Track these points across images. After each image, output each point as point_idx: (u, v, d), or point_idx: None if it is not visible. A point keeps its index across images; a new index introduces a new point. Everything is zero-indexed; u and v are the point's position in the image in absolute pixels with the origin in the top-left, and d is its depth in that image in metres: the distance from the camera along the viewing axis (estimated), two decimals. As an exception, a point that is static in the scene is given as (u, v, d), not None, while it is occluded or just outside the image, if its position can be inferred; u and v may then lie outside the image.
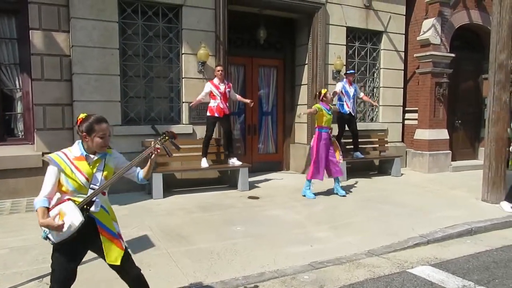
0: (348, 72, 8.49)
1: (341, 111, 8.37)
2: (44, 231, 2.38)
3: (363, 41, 9.52)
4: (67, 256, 2.44)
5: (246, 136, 9.15)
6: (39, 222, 2.32)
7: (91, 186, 2.45)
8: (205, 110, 7.20)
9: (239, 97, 7.62)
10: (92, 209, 2.45)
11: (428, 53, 9.35)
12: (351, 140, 8.53)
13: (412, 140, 10.02)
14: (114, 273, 2.59)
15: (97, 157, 2.51)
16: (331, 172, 6.87)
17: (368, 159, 9.14)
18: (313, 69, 8.74)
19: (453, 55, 9.53)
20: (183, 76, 7.45)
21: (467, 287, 3.67)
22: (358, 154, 8.52)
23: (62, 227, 2.30)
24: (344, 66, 8.90)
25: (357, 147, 8.56)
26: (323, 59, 8.71)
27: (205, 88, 7.07)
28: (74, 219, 2.33)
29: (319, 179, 6.79)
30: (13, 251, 4.18)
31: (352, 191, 7.37)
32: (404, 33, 9.87)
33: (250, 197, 6.75)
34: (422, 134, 9.71)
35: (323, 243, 4.60)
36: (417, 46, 9.73)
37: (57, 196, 2.44)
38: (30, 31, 6.45)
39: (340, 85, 8.41)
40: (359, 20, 9.17)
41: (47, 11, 6.51)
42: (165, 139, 2.65)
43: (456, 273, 3.96)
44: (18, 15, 6.56)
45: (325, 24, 8.69)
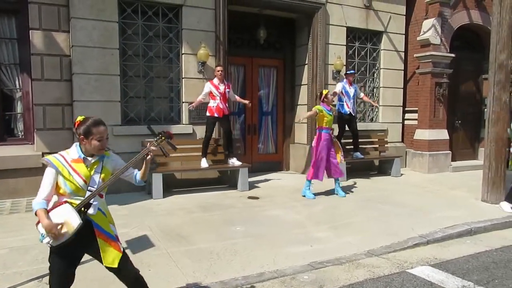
0: (348, 72, 8.50)
1: (341, 111, 8.38)
2: (42, 234, 2.37)
3: (363, 41, 9.52)
4: (64, 259, 2.44)
5: (246, 136, 9.15)
6: (42, 223, 2.31)
7: (89, 188, 2.44)
8: (205, 110, 7.20)
9: (238, 98, 7.62)
10: (90, 211, 2.45)
11: (428, 53, 9.35)
12: (351, 140, 8.53)
13: (412, 140, 10.03)
14: (107, 272, 2.57)
15: (95, 159, 2.50)
16: (331, 172, 6.87)
17: (368, 159, 9.14)
18: (313, 69, 8.75)
19: (453, 55, 9.53)
20: (183, 76, 7.45)
21: (466, 287, 3.67)
22: (358, 154, 8.52)
23: (61, 237, 2.31)
24: (344, 66, 8.90)
25: (357, 147, 8.56)
26: (323, 59, 8.71)
27: (205, 88, 7.08)
28: (72, 221, 2.33)
29: (319, 180, 6.80)
30: (13, 251, 4.19)
31: (352, 191, 7.37)
32: (404, 33, 9.87)
33: (250, 197, 6.75)
34: (422, 134, 9.71)
35: (323, 243, 4.60)
36: (417, 46, 9.73)
37: (54, 199, 2.44)
38: (30, 31, 6.45)
39: (340, 85, 8.42)
40: (359, 20, 9.17)
41: (47, 11, 6.51)
42: (161, 139, 2.65)
43: (456, 273, 3.96)
44: (18, 15, 6.56)
45: (325, 24, 8.69)
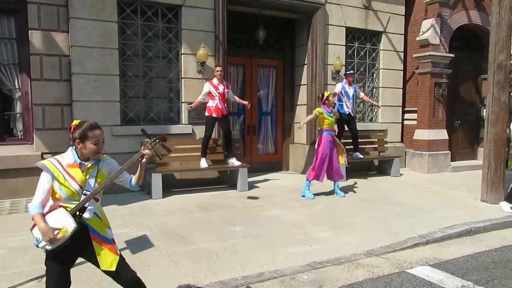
0: (348, 72, 8.50)
1: (340, 111, 8.37)
2: (37, 238, 2.35)
3: (363, 41, 9.52)
4: (60, 263, 2.43)
5: (246, 136, 9.15)
6: (39, 227, 2.30)
7: (84, 192, 2.43)
8: (204, 110, 7.20)
9: (237, 99, 7.62)
10: (86, 216, 2.44)
11: (427, 53, 9.35)
12: (350, 141, 8.53)
13: (411, 140, 10.03)
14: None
15: (90, 163, 2.49)
16: (332, 175, 6.87)
17: (367, 159, 9.14)
18: (312, 70, 8.75)
19: (452, 55, 9.54)
20: (183, 76, 7.45)
21: (466, 287, 3.67)
22: (357, 154, 8.53)
23: (55, 241, 2.30)
24: (344, 67, 8.90)
25: (357, 147, 8.56)
26: (323, 59, 8.72)
27: (204, 89, 7.07)
28: (67, 225, 2.32)
29: (319, 181, 6.80)
30: (12, 251, 4.18)
31: (352, 191, 7.37)
32: (404, 33, 9.87)
33: (250, 197, 6.75)
34: (422, 135, 9.72)
35: (322, 243, 4.60)
36: (416, 47, 9.74)
37: (50, 203, 2.43)
38: (30, 31, 6.44)
39: (339, 85, 8.42)
40: (358, 20, 9.17)
41: (47, 11, 6.50)
42: (155, 142, 2.64)
43: (455, 273, 3.96)
44: (17, 15, 6.56)
45: (325, 24, 8.69)
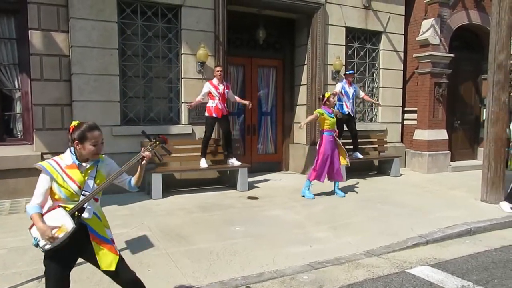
0: (347, 72, 8.50)
1: (340, 111, 8.37)
2: (35, 238, 2.36)
3: (363, 41, 9.52)
4: (59, 263, 2.42)
5: (246, 136, 9.15)
6: (37, 226, 2.30)
7: (83, 193, 2.43)
8: (204, 110, 7.20)
9: (237, 99, 7.61)
10: (85, 216, 2.44)
11: (427, 53, 9.35)
12: (350, 141, 8.52)
13: (411, 140, 10.03)
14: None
15: (89, 164, 2.49)
16: (332, 176, 6.87)
17: (367, 159, 9.14)
18: (312, 70, 8.75)
19: (452, 55, 9.54)
20: (182, 76, 7.44)
21: (466, 287, 3.67)
22: (357, 154, 8.52)
23: (54, 239, 2.29)
24: (344, 67, 8.90)
25: (356, 147, 8.56)
26: (323, 59, 8.71)
27: (204, 89, 7.07)
28: (66, 225, 2.31)
29: (320, 181, 6.81)
30: (12, 251, 4.18)
31: (352, 191, 7.37)
32: (403, 33, 9.87)
33: (250, 197, 6.75)
34: (421, 135, 9.72)
35: (322, 243, 4.60)
36: (416, 47, 9.74)
37: (49, 204, 2.42)
38: (29, 31, 6.44)
39: (339, 85, 8.43)
40: (358, 20, 9.17)
41: (46, 11, 6.50)
42: (156, 144, 2.64)
43: (455, 273, 3.96)
44: (17, 15, 6.56)
45: (324, 24, 8.69)
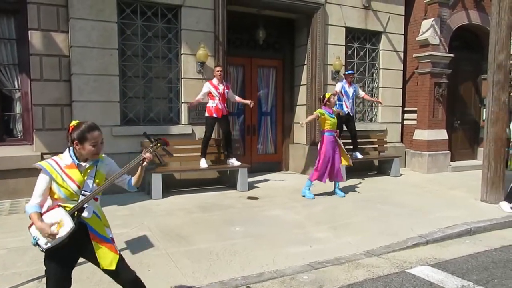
0: (347, 72, 8.50)
1: (340, 109, 8.36)
2: (34, 237, 2.36)
3: (362, 41, 9.52)
4: (59, 262, 2.42)
5: (245, 136, 9.15)
6: (36, 225, 2.31)
7: (83, 192, 2.42)
8: (204, 110, 7.20)
9: (238, 99, 7.61)
10: (85, 215, 2.44)
11: (427, 53, 9.36)
12: (349, 141, 8.52)
13: (411, 140, 10.03)
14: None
15: (88, 164, 2.48)
16: (333, 176, 6.86)
17: (367, 160, 9.13)
18: (312, 70, 8.75)
19: (452, 55, 9.54)
20: (182, 77, 7.44)
21: (466, 287, 3.67)
22: (357, 154, 8.51)
23: (54, 236, 2.29)
24: (343, 67, 8.90)
25: (356, 147, 8.56)
26: (322, 59, 8.72)
27: (204, 88, 7.07)
28: (65, 226, 2.31)
29: (322, 182, 6.81)
30: (12, 251, 4.18)
31: (352, 191, 7.37)
32: (403, 33, 9.87)
33: (249, 198, 6.74)
34: (421, 135, 9.72)
35: (322, 243, 4.60)
36: (416, 47, 9.74)
37: (48, 203, 2.42)
38: (29, 31, 6.44)
39: (339, 85, 8.43)
40: (358, 20, 9.17)
41: (46, 11, 6.50)
42: (157, 146, 2.63)
43: (455, 273, 3.96)
44: (17, 15, 6.55)
45: (324, 24, 8.69)
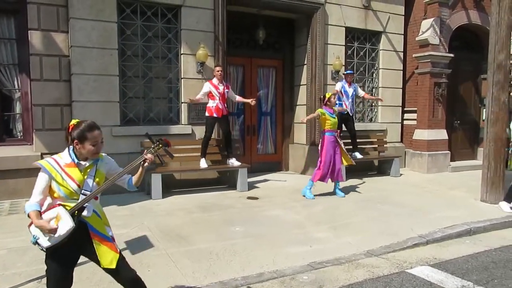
0: (346, 72, 8.50)
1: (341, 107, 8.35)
2: (34, 236, 2.36)
3: (362, 41, 9.52)
4: (60, 262, 2.42)
5: (245, 136, 9.15)
6: (34, 223, 2.31)
7: (83, 191, 2.42)
8: (204, 110, 7.20)
9: (239, 98, 7.60)
10: (84, 214, 2.44)
11: (427, 53, 9.35)
12: (349, 141, 8.51)
13: (411, 141, 10.03)
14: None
15: (88, 163, 2.48)
16: (333, 176, 6.86)
17: (367, 160, 9.12)
18: (312, 70, 8.75)
19: (452, 55, 9.54)
20: (182, 77, 7.44)
21: (466, 287, 3.67)
22: (357, 154, 8.50)
23: (55, 231, 2.29)
24: (343, 67, 8.90)
25: (356, 147, 8.55)
26: (322, 59, 8.72)
27: (204, 88, 7.06)
28: (65, 225, 2.32)
29: (324, 182, 6.82)
30: (12, 251, 4.17)
31: (352, 191, 7.37)
32: (403, 33, 9.87)
33: (249, 198, 6.74)
34: (421, 135, 9.72)
35: (322, 244, 4.60)
36: (416, 47, 9.74)
37: (48, 201, 2.42)
38: (29, 31, 6.44)
39: (339, 84, 8.44)
40: (358, 20, 9.17)
41: (46, 11, 6.50)
42: (158, 147, 2.63)
43: (455, 273, 3.96)
44: (17, 15, 6.55)
45: (324, 24, 8.69)
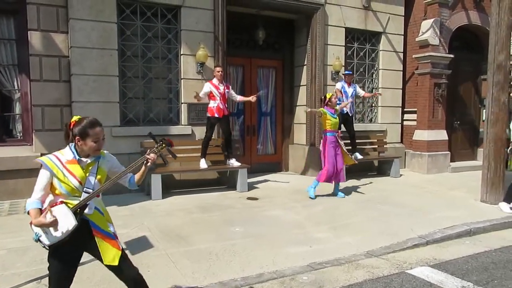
0: (345, 73, 8.50)
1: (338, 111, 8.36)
2: (36, 233, 2.36)
3: (362, 42, 9.53)
4: (62, 259, 2.42)
5: (245, 137, 9.15)
6: (33, 221, 2.31)
7: (84, 189, 2.42)
8: (204, 111, 7.20)
9: (240, 98, 7.59)
10: (86, 211, 2.43)
11: (427, 54, 9.36)
12: (349, 141, 8.50)
13: (411, 141, 10.03)
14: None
15: (90, 160, 2.48)
16: (335, 176, 6.84)
17: (367, 160, 9.12)
18: (312, 70, 8.75)
19: (451, 56, 9.54)
20: (182, 77, 7.44)
21: (465, 287, 3.67)
22: (356, 154, 8.47)
23: (56, 222, 2.29)
24: (343, 67, 8.90)
25: (355, 148, 8.54)
26: (322, 60, 8.72)
27: (205, 88, 7.05)
28: (68, 223, 2.31)
29: (330, 183, 6.82)
30: (11, 252, 4.17)
31: (352, 191, 7.37)
32: (403, 34, 9.87)
33: (249, 198, 6.74)
34: (421, 135, 9.72)
35: (322, 244, 4.60)
36: (416, 47, 9.74)
37: (50, 198, 2.42)
38: (29, 31, 6.44)
39: (339, 84, 8.43)
40: (357, 21, 9.18)
41: (46, 12, 6.50)
42: (162, 146, 2.62)
43: (455, 273, 3.96)
44: (16, 15, 6.55)
45: (324, 24, 8.69)
